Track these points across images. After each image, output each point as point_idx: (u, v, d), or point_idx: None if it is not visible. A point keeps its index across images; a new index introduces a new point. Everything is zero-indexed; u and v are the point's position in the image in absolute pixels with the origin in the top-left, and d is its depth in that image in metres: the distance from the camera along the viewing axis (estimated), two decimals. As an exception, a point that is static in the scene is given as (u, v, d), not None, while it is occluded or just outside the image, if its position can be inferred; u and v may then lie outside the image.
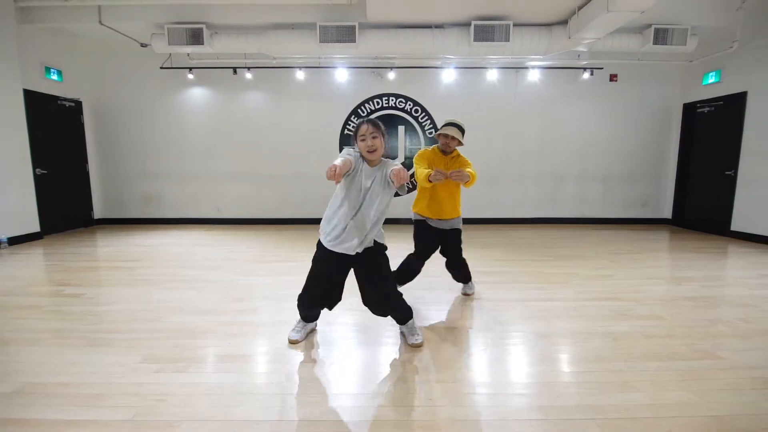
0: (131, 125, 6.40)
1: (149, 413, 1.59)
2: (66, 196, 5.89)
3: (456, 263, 2.92)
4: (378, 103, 6.45)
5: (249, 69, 6.08)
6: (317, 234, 2.14)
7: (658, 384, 1.82)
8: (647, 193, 6.71)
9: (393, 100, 6.44)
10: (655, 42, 4.95)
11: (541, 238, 5.51)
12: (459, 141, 2.72)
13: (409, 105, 6.45)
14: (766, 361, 2.04)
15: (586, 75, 6.20)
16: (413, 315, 2.31)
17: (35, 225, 5.15)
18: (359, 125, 2.04)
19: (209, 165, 6.50)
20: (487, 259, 4.20)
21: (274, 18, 4.98)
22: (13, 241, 4.80)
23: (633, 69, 6.21)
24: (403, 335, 2.30)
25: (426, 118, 6.48)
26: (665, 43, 4.97)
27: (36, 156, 5.17)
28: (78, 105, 6.10)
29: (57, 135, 5.73)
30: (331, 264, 2.09)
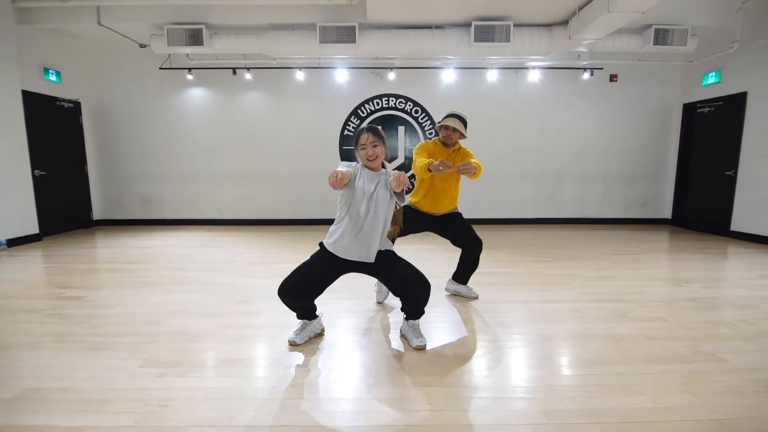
0: (130, 126, 6.38)
1: (152, 419, 1.58)
2: (65, 197, 5.88)
3: (474, 243, 2.82)
4: (378, 104, 6.44)
5: (248, 69, 6.06)
6: (317, 234, 2.14)
7: (660, 387, 1.82)
8: (647, 194, 6.71)
9: (393, 100, 6.43)
10: (656, 42, 4.96)
11: (542, 238, 5.50)
12: (461, 133, 2.61)
13: (409, 105, 6.44)
14: (767, 363, 2.04)
15: (586, 75, 6.20)
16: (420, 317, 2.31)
17: (34, 227, 5.14)
18: (359, 133, 2.02)
19: (209, 166, 6.49)
20: (488, 260, 4.18)
21: (273, 18, 4.97)
22: (12, 243, 4.78)
23: (633, 69, 6.21)
24: (405, 337, 2.29)
25: (426, 118, 6.47)
26: (665, 44, 4.98)
27: (35, 157, 5.15)
28: (77, 106, 6.09)
29: (56, 136, 5.71)
30: (328, 270, 2.11)
